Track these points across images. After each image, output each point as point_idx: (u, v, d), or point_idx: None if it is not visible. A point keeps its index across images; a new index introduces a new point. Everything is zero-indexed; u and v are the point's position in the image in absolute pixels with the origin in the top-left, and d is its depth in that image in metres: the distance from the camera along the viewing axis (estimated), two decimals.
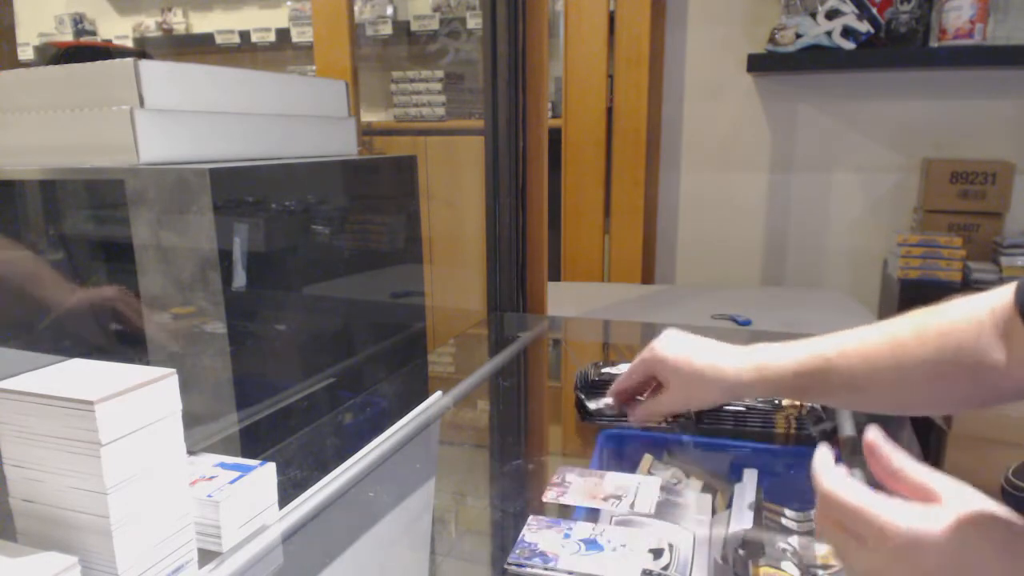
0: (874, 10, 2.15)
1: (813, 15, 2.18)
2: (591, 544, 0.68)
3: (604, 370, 1.12)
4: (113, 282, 0.94)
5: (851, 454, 0.86)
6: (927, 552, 0.43)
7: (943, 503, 0.46)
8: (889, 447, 0.49)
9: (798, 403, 0.95)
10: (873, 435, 0.50)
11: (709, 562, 0.68)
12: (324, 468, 0.83)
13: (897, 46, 2.17)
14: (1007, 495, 1.17)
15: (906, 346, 0.66)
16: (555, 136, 2.37)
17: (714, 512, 0.77)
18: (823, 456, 0.53)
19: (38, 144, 0.89)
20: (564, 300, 1.87)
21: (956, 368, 0.64)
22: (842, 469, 0.51)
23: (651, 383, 0.86)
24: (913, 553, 0.44)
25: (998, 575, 0.43)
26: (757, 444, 0.91)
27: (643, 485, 0.81)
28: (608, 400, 0.91)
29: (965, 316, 0.64)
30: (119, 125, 0.82)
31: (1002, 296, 0.63)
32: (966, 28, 2.07)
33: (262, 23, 3.17)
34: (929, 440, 1.84)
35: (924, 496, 0.46)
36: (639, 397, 0.88)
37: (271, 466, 0.71)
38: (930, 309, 0.68)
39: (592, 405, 1.02)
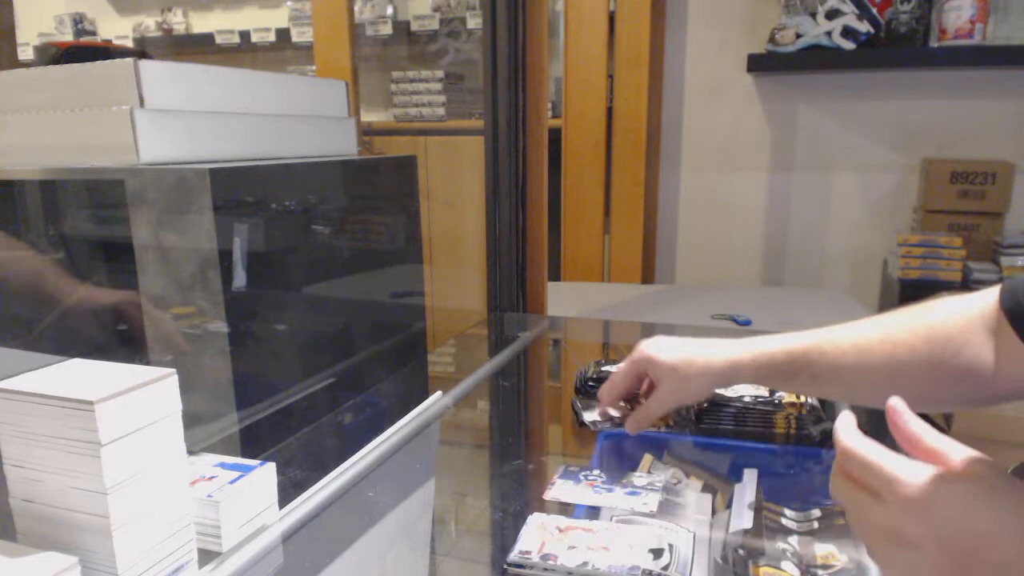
0: (874, 10, 2.15)
1: (813, 15, 2.18)
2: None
3: (604, 368, 1.12)
4: (113, 282, 0.94)
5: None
6: (937, 504, 0.45)
7: (955, 463, 0.47)
8: (910, 414, 0.50)
9: (798, 403, 0.95)
10: (895, 401, 0.50)
11: (709, 562, 0.68)
12: (324, 468, 0.83)
13: (897, 46, 2.17)
14: None
15: (897, 342, 0.68)
16: (555, 136, 2.37)
17: (714, 512, 0.77)
18: (846, 418, 0.54)
19: (38, 144, 0.89)
20: (564, 300, 1.87)
21: (946, 366, 0.65)
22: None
23: (640, 387, 0.88)
24: (923, 505, 0.45)
25: (1005, 528, 0.43)
26: (757, 444, 0.91)
27: (643, 485, 0.80)
28: (606, 411, 0.92)
29: (955, 315, 0.66)
30: (119, 125, 0.82)
31: (989, 297, 0.64)
32: (966, 28, 2.07)
33: (262, 23, 3.17)
34: None
35: (937, 459, 0.47)
36: (624, 404, 0.90)
37: (271, 466, 0.71)
38: (922, 306, 0.70)
39: (588, 416, 1.02)
